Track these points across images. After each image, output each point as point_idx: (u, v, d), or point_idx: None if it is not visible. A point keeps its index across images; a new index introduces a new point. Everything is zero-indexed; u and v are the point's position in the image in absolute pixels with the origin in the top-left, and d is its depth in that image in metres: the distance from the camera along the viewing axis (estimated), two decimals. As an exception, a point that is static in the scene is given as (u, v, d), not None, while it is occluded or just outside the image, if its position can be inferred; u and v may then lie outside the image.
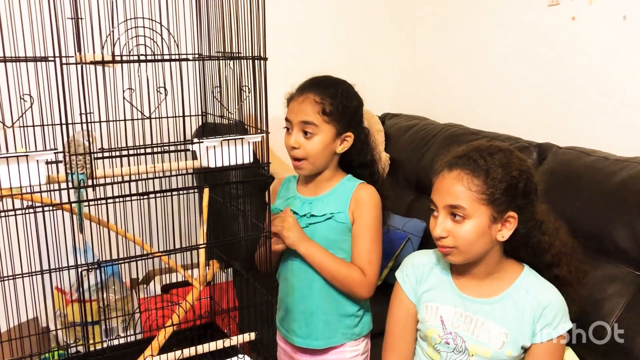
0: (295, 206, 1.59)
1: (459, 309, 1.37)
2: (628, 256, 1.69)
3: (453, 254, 1.33)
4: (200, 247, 1.39)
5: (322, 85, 1.53)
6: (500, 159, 1.31)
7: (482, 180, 1.29)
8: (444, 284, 1.42)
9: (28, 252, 1.37)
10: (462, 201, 1.29)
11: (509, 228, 1.31)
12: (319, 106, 1.50)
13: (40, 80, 1.15)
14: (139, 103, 1.23)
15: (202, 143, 1.22)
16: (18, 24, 1.19)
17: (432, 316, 1.41)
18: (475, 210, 1.29)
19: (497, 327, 1.33)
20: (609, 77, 2.06)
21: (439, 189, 1.34)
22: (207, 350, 1.37)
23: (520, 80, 2.40)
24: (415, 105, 2.89)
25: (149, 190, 1.30)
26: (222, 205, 1.59)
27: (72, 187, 1.16)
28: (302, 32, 2.82)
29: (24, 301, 1.51)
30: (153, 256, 1.42)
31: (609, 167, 1.82)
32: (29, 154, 1.08)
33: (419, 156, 2.48)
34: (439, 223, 1.32)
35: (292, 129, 1.54)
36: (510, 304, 1.33)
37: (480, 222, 1.29)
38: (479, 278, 1.38)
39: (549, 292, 1.35)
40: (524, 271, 1.38)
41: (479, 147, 1.35)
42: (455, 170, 1.31)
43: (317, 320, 1.57)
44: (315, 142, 1.51)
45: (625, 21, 1.98)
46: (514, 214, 1.30)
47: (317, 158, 1.53)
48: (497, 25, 2.48)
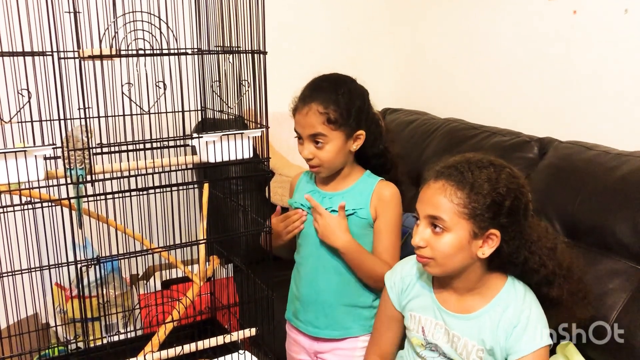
0: (315, 200, 1.59)
1: (439, 322, 1.36)
2: (629, 250, 1.68)
3: (430, 265, 1.30)
4: (200, 243, 1.39)
5: (323, 92, 1.51)
6: (488, 174, 1.25)
7: (466, 194, 1.24)
8: (426, 296, 1.40)
9: (27, 248, 1.37)
10: (443, 213, 1.24)
11: (491, 245, 1.26)
12: (323, 116, 1.49)
13: (38, 75, 1.13)
14: (138, 98, 1.22)
15: (201, 138, 1.22)
16: (15, 19, 1.18)
17: (415, 325, 1.40)
18: (455, 224, 1.24)
19: (474, 343, 1.31)
20: (610, 71, 2.05)
21: (422, 198, 1.30)
22: (207, 346, 1.36)
23: (521, 75, 2.38)
24: (416, 100, 2.88)
25: (149, 186, 1.29)
26: (222, 200, 1.59)
27: (71, 182, 1.15)
28: (303, 26, 2.80)
29: (23, 298, 1.50)
30: (153, 252, 1.41)
31: (610, 161, 1.80)
32: (26, 150, 1.07)
33: (420, 151, 2.47)
34: (419, 232, 1.29)
35: (302, 140, 1.54)
36: (487, 321, 1.30)
37: (459, 236, 1.25)
38: (459, 293, 1.35)
39: (524, 308, 1.29)
40: (505, 286, 1.33)
41: (470, 159, 1.30)
42: (440, 181, 1.27)
43: (337, 312, 1.59)
44: (327, 150, 1.52)
45: (626, 15, 1.97)
46: (497, 231, 1.25)
47: (332, 163, 1.55)
48: (497, 20, 2.46)
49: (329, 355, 1.63)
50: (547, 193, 1.93)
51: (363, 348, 1.61)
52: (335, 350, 1.62)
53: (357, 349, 1.62)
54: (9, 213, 1.25)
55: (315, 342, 1.64)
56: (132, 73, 1.21)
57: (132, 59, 1.19)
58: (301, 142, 1.55)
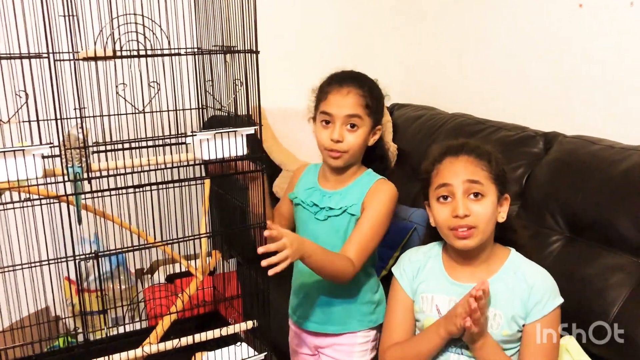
0: (315, 197, 1.61)
1: (453, 297, 1.39)
2: (632, 245, 1.67)
3: (473, 235, 1.34)
4: (196, 238, 1.42)
5: (359, 79, 1.56)
6: (490, 148, 1.41)
7: (487, 161, 1.37)
8: (437, 275, 1.44)
9: (27, 243, 1.42)
10: (480, 177, 1.35)
11: (504, 210, 1.39)
12: (363, 99, 1.53)
13: (36, 77, 1.17)
14: (135, 97, 1.26)
15: (195, 136, 1.25)
16: (11, 21, 1.22)
17: (428, 306, 1.43)
18: (489, 188, 1.35)
19: (491, 309, 1.35)
20: (616, 65, 2.03)
21: (452, 172, 1.37)
22: (205, 338, 1.40)
23: (527, 69, 2.37)
24: (424, 95, 2.87)
25: (147, 182, 1.33)
26: (223, 196, 1.62)
27: (69, 180, 1.19)
28: (311, 23, 2.81)
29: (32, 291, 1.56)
30: (154, 245, 1.45)
31: (614, 155, 1.79)
32: (24, 149, 1.11)
33: (427, 146, 2.47)
34: (461, 203, 1.33)
35: (333, 122, 1.53)
36: (501, 286, 1.36)
37: (492, 200, 1.36)
38: (473, 264, 1.41)
39: (536, 271, 1.39)
40: (511, 254, 1.42)
41: (463, 140, 1.44)
42: (462, 155, 1.38)
43: (336, 308, 1.60)
44: (358, 134, 1.54)
45: (632, 7, 1.95)
46: (508, 195, 1.39)
47: (357, 150, 1.56)
48: (504, 14, 2.45)
49: (329, 350, 1.65)
50: (551, 187, 1.93)
51: (362, 343, 1.63)
52: (335, 346, 1.64)
53: (356, 344, 1.63)
54: (8, 210, 1.30)
55: (315, 337, 1.66)
56: (127, 73, 1.25)
57: (127, 60, 1.22)
58: (328, 125, 1.54)
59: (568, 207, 1.84)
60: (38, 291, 1.59)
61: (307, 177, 1.69)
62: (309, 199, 1.61)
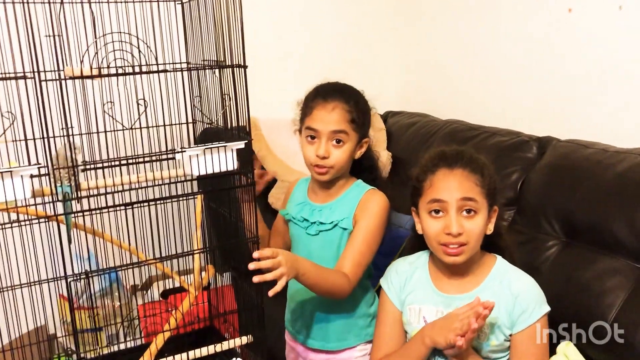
0: (305, 212, 1.59)
1: (440, 308, 1.38)
2: (627, 248, 1.66)
3: (464, 252, 1.32)
4: (188, 254, 1.41)
5: (345, 92, 1.53)
6: (483, 160, 1.38)
7: (481, 175, 1.34)
8: (424, 285, 1.43)
9: (25, 262, 1.41)
10: (474, 194, 1.32)
11: (492, 221, 1.38)
12: (349, 114, 1.49)
13: (23, 97, 1.17)
14: (122, 115, 1.25)
15: (184, 152, 1.24)
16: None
17: (415, 318, 1.42)
18: (482, 204, 1.33)
19: None
20: (607, 69, 2.03)
21: (446, 188, 1.33)
22: (200, 355, 1.39)
23: (519, 74, 2.37)
24: (417, 103, 2.87)
25: (138, 200, 1.32)
26: (216, 210, 1.61)
27: (58, 200, 1.19)
28: (305, 31, 2.81)
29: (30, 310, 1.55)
30: (147, 263, 1.44)
31: (608, 159, 1.79)
32: (12, 170, 1.10)
33: (421, 153, 2.47)
34: (455, 221, 1.30)
35: (319, 137, 1.50)
36: (488, 295, 1.33)
37: (484, 215, 1.34)
38: (459, 275, 1.39)
39: (520, 280, 1.37)
40: (496, 262, 1.40)
41: (457, 149, 1.41)
42: (457, 169, 1.34)
43: (333, 323, 1.58)
44: (344, 149, 1.50)
45: (621, 11, 1.95)
46: (497, 207, 1.38)
47: (343, 165, 1.53)
48: (496, 22, 2.46)
49: None
50: (546, 192, 1.92)
51: (359, 357, 1.61)
52: None
53: (353, 358, 1.61)
54: (3, 229, 1.29)
55: (311, 352, 1.63)
56: (116, 91, 1.24)
57: (115, 78, 1.22)
58: (313, 141, 1.51)
59: (563, 212, 1.83)
60: (33, 310, 1.58)
61: (297, 192, 1.67)
62: (299, 214, 1.59)
